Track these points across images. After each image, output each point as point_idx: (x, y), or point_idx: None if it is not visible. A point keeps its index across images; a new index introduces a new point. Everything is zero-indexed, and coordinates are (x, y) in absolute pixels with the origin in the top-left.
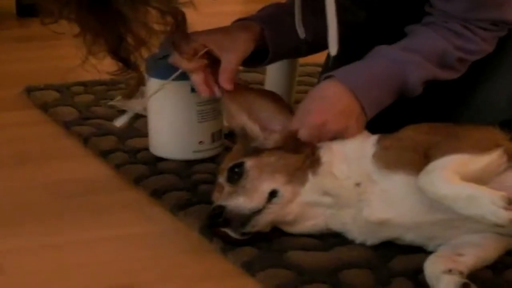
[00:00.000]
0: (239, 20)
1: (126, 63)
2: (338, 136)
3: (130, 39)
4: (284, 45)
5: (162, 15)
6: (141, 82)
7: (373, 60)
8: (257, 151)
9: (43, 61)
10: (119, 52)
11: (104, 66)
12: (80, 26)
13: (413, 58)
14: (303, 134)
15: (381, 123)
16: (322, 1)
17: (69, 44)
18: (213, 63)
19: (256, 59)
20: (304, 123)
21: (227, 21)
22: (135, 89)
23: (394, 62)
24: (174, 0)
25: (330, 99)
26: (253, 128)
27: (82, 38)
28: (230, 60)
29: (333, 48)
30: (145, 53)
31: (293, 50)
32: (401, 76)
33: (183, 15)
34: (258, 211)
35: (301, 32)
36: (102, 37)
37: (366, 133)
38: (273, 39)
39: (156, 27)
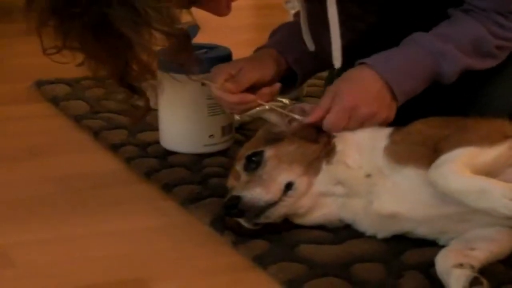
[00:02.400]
0: (259, 48)
1: (132, 88)
2: (367, 122)
3: (135, 65)
4: (310, 64)
5: (167, 37)
6: (148, 108)
7: (407, 48)
8: (277, 139)
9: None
10: (124, 78)
11: None
12: (84, 53)
13: (448, 48)
14: (330, 118)
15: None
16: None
17: None
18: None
19: (285, 82)
20: (333, 106)
21: (236, 16)
22: (142, 116)
23: (429, 53)
24: (177, 21)
25: (362, 83)
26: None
27: (86, 66)
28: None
29: (337, 60)
30: (150, 78)
31: (320, 65)
32: (435, 67)
33: (188, 37)
34: (273, 203)
35: (310, 45)
36: (107, 64)
37: None
38: (297, 62)
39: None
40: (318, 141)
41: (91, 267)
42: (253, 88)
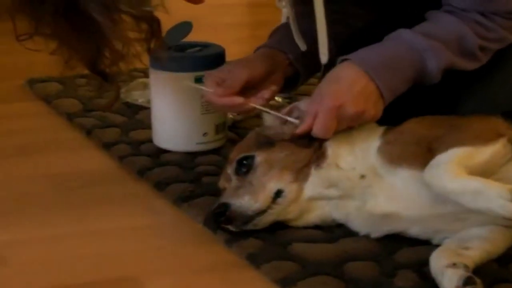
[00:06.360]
0: (259, 48)
1: (104, 77)
2: (356, 121)
3: (107, 52)
4: (312, 61)
5: (136, 21)
6: (118, 96)
7: (391, 44)
8: (268, 143)
9: (46, 53)
10: (96, 65)
11: None
12: (57, 40)
13: (432, 44)
14: (317, 125)
15: (385, 116)
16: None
17: None
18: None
19: (288, 82)
20: (319, 109)
21: (230, 14)
22: (112, 102)
23: (413, 49)
24: (145, 3)
25: (346, 81)
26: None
27: (59, 53)
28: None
29: (323, 55)
30: (123, 67)
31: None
32: (419, 63)
33: (158, 22)
34: (261, 212)
35: (301, 45)
36: (79, 51)
37: (374, 124)
38: (299, 60)
39: (131, 35)
40: (310, 146)
41: (84, 266)
42: (248, 89)
